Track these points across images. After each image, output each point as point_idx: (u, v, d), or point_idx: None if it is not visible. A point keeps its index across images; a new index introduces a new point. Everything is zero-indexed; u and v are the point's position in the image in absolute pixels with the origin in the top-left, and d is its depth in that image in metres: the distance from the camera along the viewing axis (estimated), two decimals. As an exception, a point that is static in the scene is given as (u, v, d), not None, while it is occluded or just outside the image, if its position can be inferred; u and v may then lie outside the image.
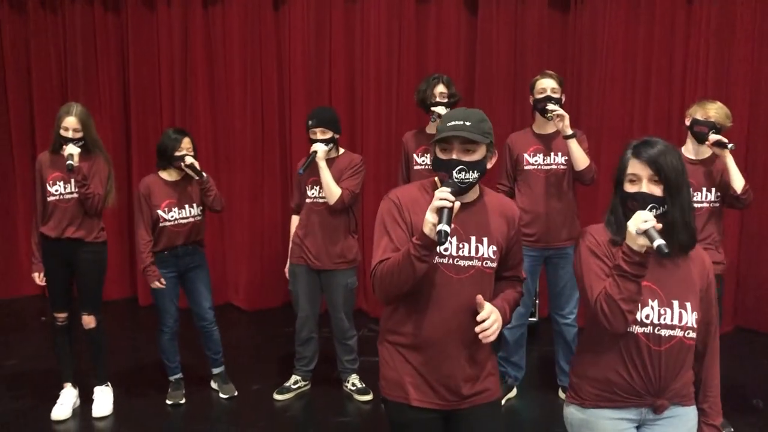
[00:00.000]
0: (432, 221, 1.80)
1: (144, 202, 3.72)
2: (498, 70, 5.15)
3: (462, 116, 1.95)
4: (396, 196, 2.06)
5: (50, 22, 5.80)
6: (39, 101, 5.87)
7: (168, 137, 3.74)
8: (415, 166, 3.85)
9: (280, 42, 5.53)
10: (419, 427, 2.07)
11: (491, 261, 2.03)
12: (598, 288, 1.92)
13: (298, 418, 3.78)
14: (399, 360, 2.07)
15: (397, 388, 2.07)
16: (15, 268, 6.11)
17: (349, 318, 3.93)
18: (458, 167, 1.92)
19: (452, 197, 1.81)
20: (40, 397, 3.94)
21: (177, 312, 3.88)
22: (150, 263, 3.70)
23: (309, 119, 3.71)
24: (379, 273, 1.97)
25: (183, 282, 3.88)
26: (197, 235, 3.85)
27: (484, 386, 2.08)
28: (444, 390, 2.03)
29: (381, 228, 2.04)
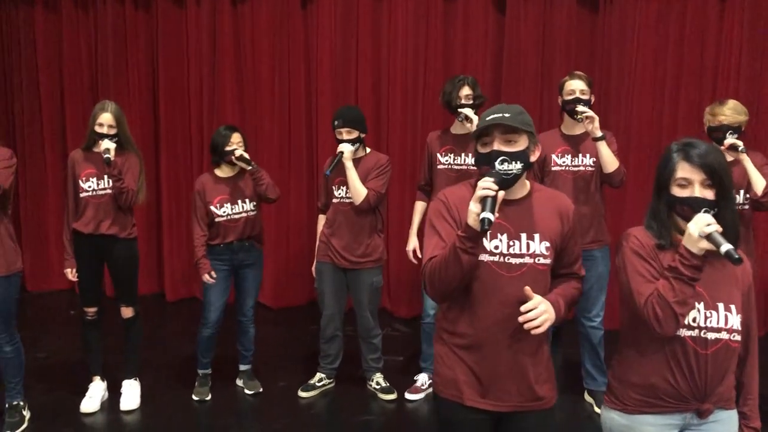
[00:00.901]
0: (475, 211, 1.78)
1: (198, 198, 3.81)
2: (525, 70, 5.12)
3: (500, 109, 1.94)
4: (443, 194, 2.07)
5: (82, 20, 5.89)
6: (70, 99, 5.97)
7: (218, 134, 3.81)
8: (438, 166, 3.85)
9: (307, 40, 5.56)
10: (470, 428, 2.05)
11: (544, 258, 1.99)
12: (647, 290, 1.89)
13: (323, 416, 3.80)
14: (453, 359, 2.05)
15: (450, 386, 2.05)
16: (45, 263, 6.22)
17: (374, 316, 3.94)
18: (500, 158, 1.90)
19: (495, 186, 1.79)
20: (69, 389, 4.01)
21: (223, 308, 3.90)
22: (202, 256, 3.77)
23: (335, 119, 3.73)
24: (429, 270, 1.95)
25: (235, 277, 3.93)
26: (252, 231, 3.88)
27: (538, 393, 2.02)
28: (498, 392, 1.99)
29: (430, 228, 2.04)
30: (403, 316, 5.48)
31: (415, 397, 3.93)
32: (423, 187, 3.98)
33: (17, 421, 3.54)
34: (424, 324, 3.96)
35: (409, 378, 4.11)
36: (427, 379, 4.01)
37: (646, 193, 4.92)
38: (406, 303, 5.50)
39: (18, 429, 3.51)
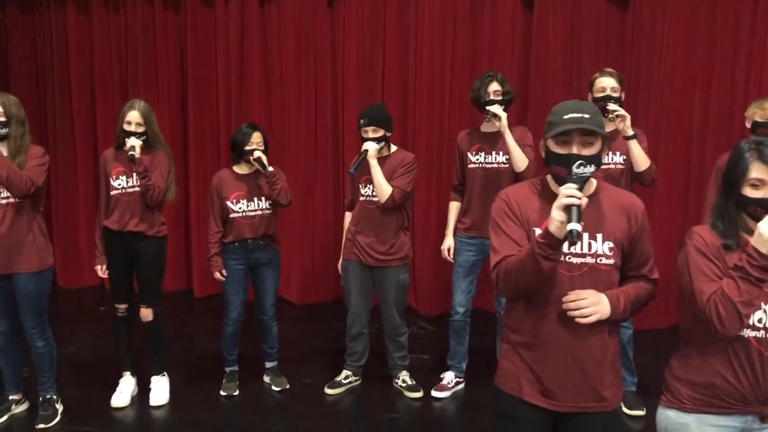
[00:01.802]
0: (559, 219, 1.76)
1: (215, 194, 3.83)
2: (554, 67, 5.08)
3: (578, 108, 1.90)
4: (505, 194, 2.06)
5: (113, 20, 5.98)
6: (100, 98, 6.06)
7: (240, 131, 3.82)
8: (470, 165, 3.82)
9: (334, 39, 5.57)
10: (528, 424, 2.04)
11: (606, 258, 1.95)
12: (710, 289, 1.86)
13: (349, 413, 3.80)
14: (516, 356, 2.05)
15: (512, 380, 2.06)
16: (75, 260, 6.32)
17: (401, 314, 3.94)
18: (578, 162, 1.86)
19: (580, 194, 1.77)
20: (100, 384, 4.07)
21: (243, 305, 3.94)
22: (215, 253, 3.80)
23: (361, 117, 3.73)
24: (503, 271, 1.94)
25: (252, 276, 3.95)
26: (267, 230, 3.90)
27: (600, 394, 1.98)
28: (558, 391, 1.97)
29: (495, 227, 2.03)
30: (429, 315, 5.47)
31: (442, 395, 3.92)
32: (457, 187, 3.96)
33: (50, 414, 3.60)
34: (452, 321, 3.95)
35: (435, 376, 4.10)
36: (454, 377, 4.00)
37: (676, 190, 4.91)
38: (432, 301, 5.49)
39: (51, 422, 3.58)
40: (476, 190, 3.80)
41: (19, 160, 3.37)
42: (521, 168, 3.62)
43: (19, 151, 3.39)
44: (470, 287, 3.90)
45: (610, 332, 1.99)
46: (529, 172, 3.62)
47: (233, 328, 3.95)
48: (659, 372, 2.19)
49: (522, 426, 2.06)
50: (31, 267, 3.44)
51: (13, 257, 3.40)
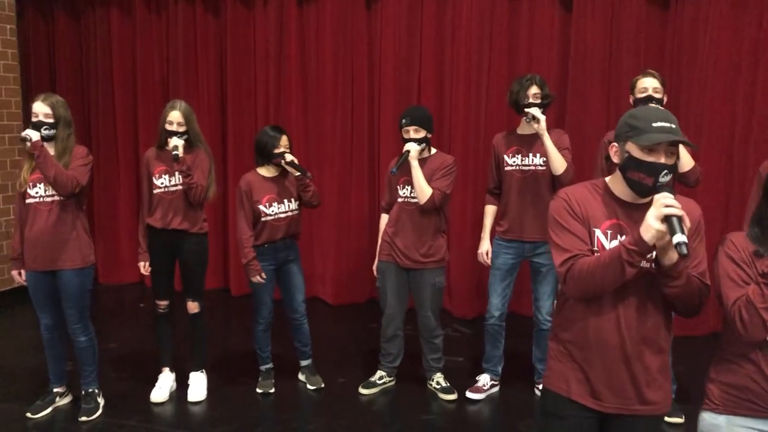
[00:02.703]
0: (656, 227, 1.73)
1: (245, 198, 3.82)
2: (592, 69, 5.02)
3: (665, 118, 1.87)
4: (564, 193, 2.04)
5: (154, 22, 6.10)
6: (142, 99, 6.19)
7: (266, 134, 3.84)
8: (506, 167, 3.80)
9: (371, 41, 5.60)
10: (574, 424, 2.04)
11: None
12: (735, 294, 1.88)
13: (383, 413, 3.82)
14: (565, 355, 2.05)
15: (560, 379, 2.06)
16: (116, 257, 6.46)
17: (436, 317, 3.93)
18: (664, 171, 1.85)
19: (678, 204, 1.74)
20: (139, 379, 4.15)
21: (272, 304, 4.00)
22: (252, 258, 3.81)
23: (402, 117, 3.73)
24: (577, 270, 1.91)
25: (278, 274, 4.00)
26: (295, 229, 3.95)
27: (649, 397, 1.97)
28: (606, 392, 1.97)
29: (557, 225, 2.00)
30: (464, 317, 5.46)
31: (477, 397, 3.91)
32: (492, 190, 3.94)
33: (93, 407, 3.69)
34: (488, 325, 3.93)
35: (470, 379, 4.09)
36: (489, 380, 3.98)
37: (717, 194, 4.81)
38: (467, 304, 5.48)
39: (93, 415, 3.67)
40: (513, 193, 3.78)
41: (65, 160, 3.46)
42: (559, 171, 3.59)
43: (65, 151, 3.49)
44: (507, 291, 3.88)
45: (664, 335, 1.98)
46: (567, 175, 3.59)
47: (265, 327, 4.00)
48: (698, 379, 2.18)
49: (569, 426, 2.06)
50: (74, 264, 3.53)
51: (58, 254, 3.49)
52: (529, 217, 3.74)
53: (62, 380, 3.82)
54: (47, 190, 3.47)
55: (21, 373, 4.29)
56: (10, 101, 5.70)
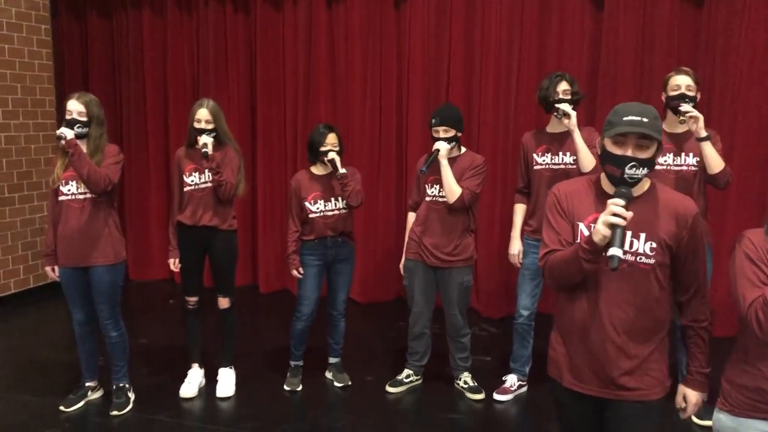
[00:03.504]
0: (603, 233, 1.82)
1: (294, 195, 3.91)
2: (624, 66, 4.96)
3: (638, 112, 1.92)
4: (557, 188, 2.15)
5: (185, 23, 6.17)
6: (173, 98, 6.26)
7: (316, 132, 3.88)
8: (536, 166, 3.77)
9: (400, 40, 5.60)
10: (573, 409, 2.15)
11: (647, 257, 1.98)
12: (752, 295, 1.85)
13: (410, 412, 3.81)
14: (559, 342, 2.15)
15: (554, 367, 2.17)
16: (146, 253, 6.54)
17: (464, 316, 3.92)
18: (631, 164, 1.91)
19: (627, 213, 1.81)
20: (169, 374, 4.21)
21: (316, 302, 3.99)
22: (293, 252, 3.87)
23: (432, 117, 3.72)
24: (548, 264, 2.05)
25: (328, 272, 4.02)
26: (344, 227, 3.96)
27: (636, 383, 2.02)
28: (593, 377, 2.05)
29: (546, 221, 2.13)
30: (492, 317, 5.43)
31: (504, 398, 3.89)
32: (521, 189, 3.91)
33: (123, 401, 3.75)
34: (516, 324, 3.90)
35: (497, 379, 4.07)
36: (517, 380, 3.96)
37: (752, 195, 4.72)
38: (494, 303, 5.45)
39: (124, 409, 3.72)
40: (543, 192, 3.73)
41: (97, 158, 3.52)
42: (588, 168, 3.55)
43: (97, 150, 3.54)
44: (536, 291, 3.85)
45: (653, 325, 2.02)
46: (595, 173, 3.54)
47: (304, 324, 4.00)
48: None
49: (569, 411, 2.18)
50: (106, 260, 3.58)
51: (90, 250, 3.55)
52: None
53: (94, 375, 3.89)
54: (79, 187, 3.52)
55: (54, 368, 4.37)
56: (44, 100, 5.81)
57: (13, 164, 5.54)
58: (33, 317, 5.44)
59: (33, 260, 5.77)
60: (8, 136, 5.48)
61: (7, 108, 5.45)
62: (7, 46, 5.43)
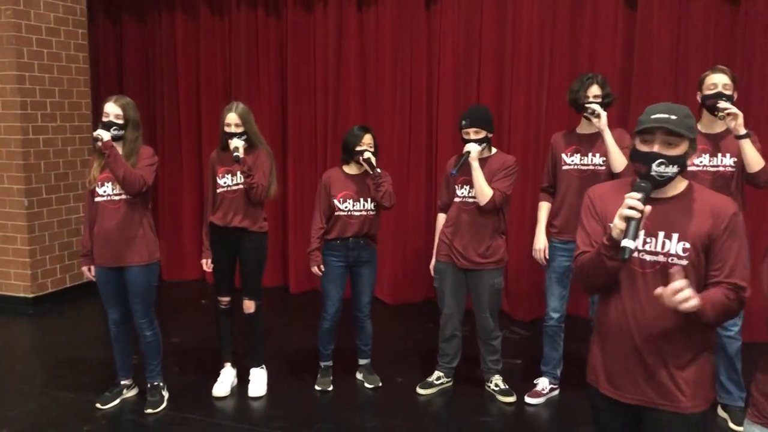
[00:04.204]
0: (619, 227, 1.82)
1: (323, 191, 3.93)
2: (658, 66, 4.88)
3: (667, 110, 1.92)
4: (591, 191, 2.14)
5: (218, 26, 6.24)
6: (205, 101, 6.34)
7: (352, 133, 3.91)
8: (564, 166, 3.74)
9: (430, 41, 5.59)
10: (608, 415, 2.12)
11: (679, 258, 1.94)
12: None
13: (441, 414, 3.80)
14: (597, 347, 2.13)
15: (592, 371, 2.15)
16: (179, 254, 6.63)
17: (494, 318, 3.90)
18: (658, 160, 1.90)
19: (641, 206, 1.79)
20: (202, 373, 4.26)
21: (340, 302, 4.02)
22: (316, 248, 3.90)
23: (462, 119, 3.70)
24: (578, 265, 2.06)
25: (351, 274, 4.03)
26: (370, 230, 3.97)
27: (675, 393, 1.97)
28: (630, 384, 2.01)
29: (580, 223, 2.12)
30: (522, 319, 5.39)
31: (536, 401, 3.86)
32: (546, 188, 3.89)
33: (158, 400, 3.80)
34: (546, 327, 3.87)
35: (528, 382, 4.04)
36: (548, 383, 3.92)
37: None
38: (525, 305, 5.41)
39: (158, 407, 3.78)
40: (570, 193, 3.70)
41: (132, 161, 3.58)
42: (619, 169, 3.51)
43: (132, 152, 3.60)
44: (564, 293, 3.81)
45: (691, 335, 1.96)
46: (628, 173, 3.50)
47: (330, 324, 4.03)
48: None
49: (604, 417, 2.14)
50: (141, 260, 3.64)
51: (125, 251, 3.61)
52: None
53: (129, 373, 3.95)
54: (115, 188, 3.58)
55: (90, 366, 4.45)
56: (80, 103, 5.93)
57: (51, 166, 5.66)
58: (69, 316, 5.55)
59: (69, 260, 5.89)
60: (46, 139, 5.60)
61: (45, 111, 5.57)
62: (45, 50, 5.56)
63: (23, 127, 5.40)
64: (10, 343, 4.94)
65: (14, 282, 5.60)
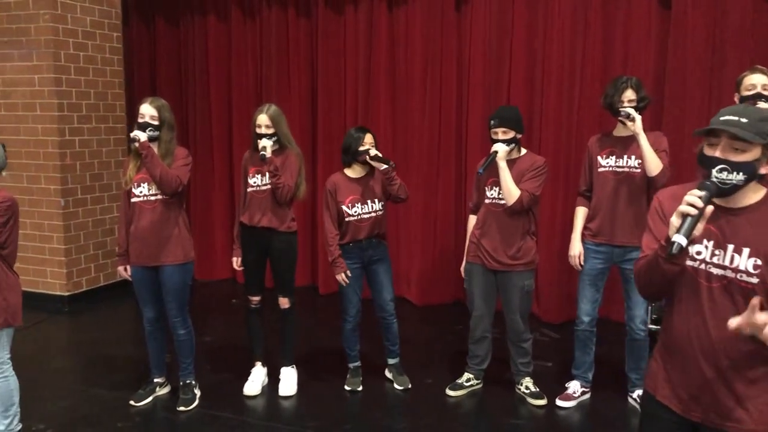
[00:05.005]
0: (675, 224, 1.72)
1: (330, 198, 3.92)
2: (693, 66, 4.80)
3: (738, 112, 1.79)
4: (662, 193, 2.02)
5: (249, 27, 6.30)
6: (237, 102, 6.40)
7: (350, 136, 3.92)
8: (599, 168, 3.70)
9: (460, 41, 5.57)
10: (660, 424, 2.00)
11: (749, 275, 1.79)
12: None
13: (471, 416, 3.79)
14: (660, 354, 2.03)
15: (650, 377, 2.05)
16: (209, 254, 6.69)
17: (525, 320, 3.87)
18: (719, 166, 1.77)
19: (700, 203, 1.68)
20: (233, 372, 4.30)
21: (360, 303, 4.05)
22: (338, 256, 3.89)
23: (491, 119, 3.69)
24: (637, 268, 1.95)
25: (367, 273, 4.04)
26: (379, 229, 3.99)
27: (739, 414, 1.84)
28: (689, 398, 1.91)
29: (647, 226, 2.02)
30: (552, 322, 5.35)
31: (567, 404, 3.83)
32: (584, 192, 3.84)
33: (190, 398, 3.85)
34: (577, 331, 3.84)
35: (559, 385, 4.01)
36: (580, 387, 3.89)
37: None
38: (555, 308, 5.36)
39: (191, 405, 3.83)
40: (605, 195, 3.67)
41: (167, 161, 3.63)
42: (654, 173, 3.47)
43: (167, 153, 3.66)
44: (596, 296, 3.78)
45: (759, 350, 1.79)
46: (662, 177, 3.46)
47: (352, 325, 4.05)
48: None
49: (656, 425, 2.03)
50: (176, 259, 3.69)
51: (161, 250, 3.66)
52: (620, 220, 3.62)
53: (162, 371, 4.01)
54: (151, 189, 3.64)
55: (123, 363, 4.52)
56: (115, 105, 6.02)
57: (86, 167, 5.76)
58: (103, 314, 5.64)
59: (103, 259, 5.99)
60: (82, 140, 5.70)
61: (81, 113, 5.68)
62: (82, 53, 5.66)
63: (60, 129, 5.51)
64: (47, 340, 5.04)
65: (50, 280, 5.71)
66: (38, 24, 5.43)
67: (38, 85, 5.50)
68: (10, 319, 3.14)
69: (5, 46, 5.54)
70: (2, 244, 3.08)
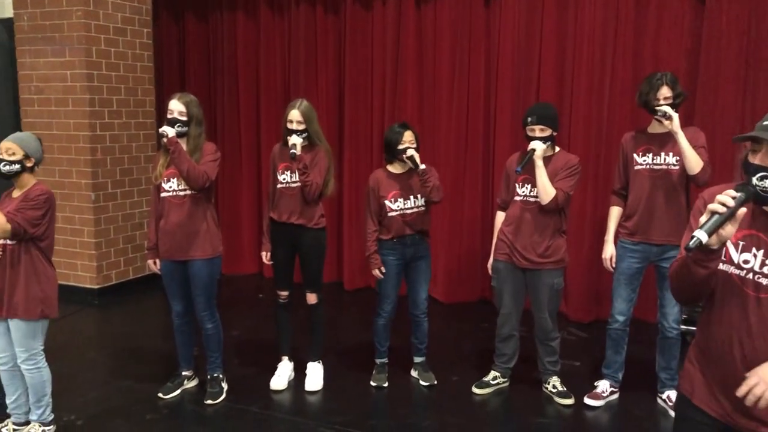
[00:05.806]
0: (701, 221, 1.65)
1: (372, 194, 3.93)
2: (727, 63, 4.71)
3: None
4: (707, 192, 1.93)
5: (277, 24, 6.32)
6: (264, 97, 6.43)
7: (392, 131, 3.91)
8: (636, 167, 3.64)
9: (489, 39, 5.53)
10: (696, 428, 1.95)
11: None
12: None
13: (497, 414, 3.77)
14: (696, 359, 1.97)
15: (686, 380, 2.00)
16: (237, 248, 6.74)
17: (553, 319, 3.84)
18: (761, 173, 1.70)
19: (731, 202, 1.61)
20: (259, 366, 4.33)
21: (397, 299, 4.04)
22: (374, 251, 3.90)
23: (528, 116, 3.65)
24: (671, 270, 1.89)
25: (406, 270, 4.04)
26: (422, 225, 3.97)
27: None
28: (726, 402, 1.86)
29: (688, 226, 1.95)
30: (581, 321, 5.29)
31: (595, 404, 3.78)
32: (618, 191, 3.79)
33: (217, 391, 3.88)
34: (610, 330, 3.79)
35: (587, 384, 3.97)
36: (609, 386, 3.84)
37: None
38: (583, 307, 5.31)
39: (218, 399, 3.86)
40: (642, 193, 3.60)
41: (196, 156, 3.66)
42: (695, 170, 3.40)
43: (196, 149, 3.68)
44: (632, 296, 3.72)
45: None
46: (704, 175, 3.39)
47: (386, 320, 4.05)
48: None
49: (691, 428, 1.97)
50: (205, 254, 3.72)
51: (190, 244, 3.69)
52: (658, 219, 3.56)
53: (190, 364, 4.04)
54: (180, 184, 3.67)
55: (152, 356, 4.57)
56: (145, 100, 6.09)
57: (116, 161, 5.83)
58: (132, 308, 5.71)
59: (132, 253, 6.06)
60: (112, 135, 5.77)
61: (111, 108, 5.75)
62: (113, 49, 5.73)
63: (91, 124, 5.58)
64: (78, 333, 5.12)
65: (81, 273, 5.80)
66: (71, 20, 5.50)
67: (70, 80, 5.58)
68: (46, 310, 3.20)
69: (39, 42, 5.63)
70: (40, 236, 3.13)
